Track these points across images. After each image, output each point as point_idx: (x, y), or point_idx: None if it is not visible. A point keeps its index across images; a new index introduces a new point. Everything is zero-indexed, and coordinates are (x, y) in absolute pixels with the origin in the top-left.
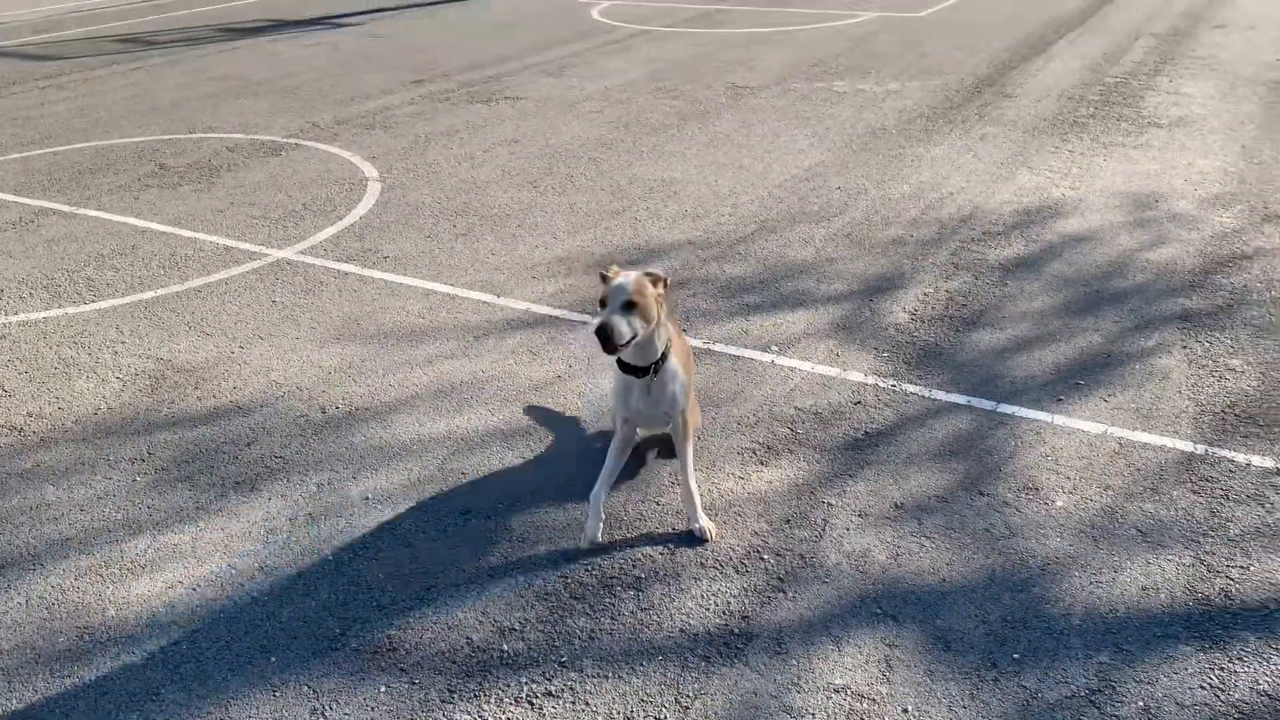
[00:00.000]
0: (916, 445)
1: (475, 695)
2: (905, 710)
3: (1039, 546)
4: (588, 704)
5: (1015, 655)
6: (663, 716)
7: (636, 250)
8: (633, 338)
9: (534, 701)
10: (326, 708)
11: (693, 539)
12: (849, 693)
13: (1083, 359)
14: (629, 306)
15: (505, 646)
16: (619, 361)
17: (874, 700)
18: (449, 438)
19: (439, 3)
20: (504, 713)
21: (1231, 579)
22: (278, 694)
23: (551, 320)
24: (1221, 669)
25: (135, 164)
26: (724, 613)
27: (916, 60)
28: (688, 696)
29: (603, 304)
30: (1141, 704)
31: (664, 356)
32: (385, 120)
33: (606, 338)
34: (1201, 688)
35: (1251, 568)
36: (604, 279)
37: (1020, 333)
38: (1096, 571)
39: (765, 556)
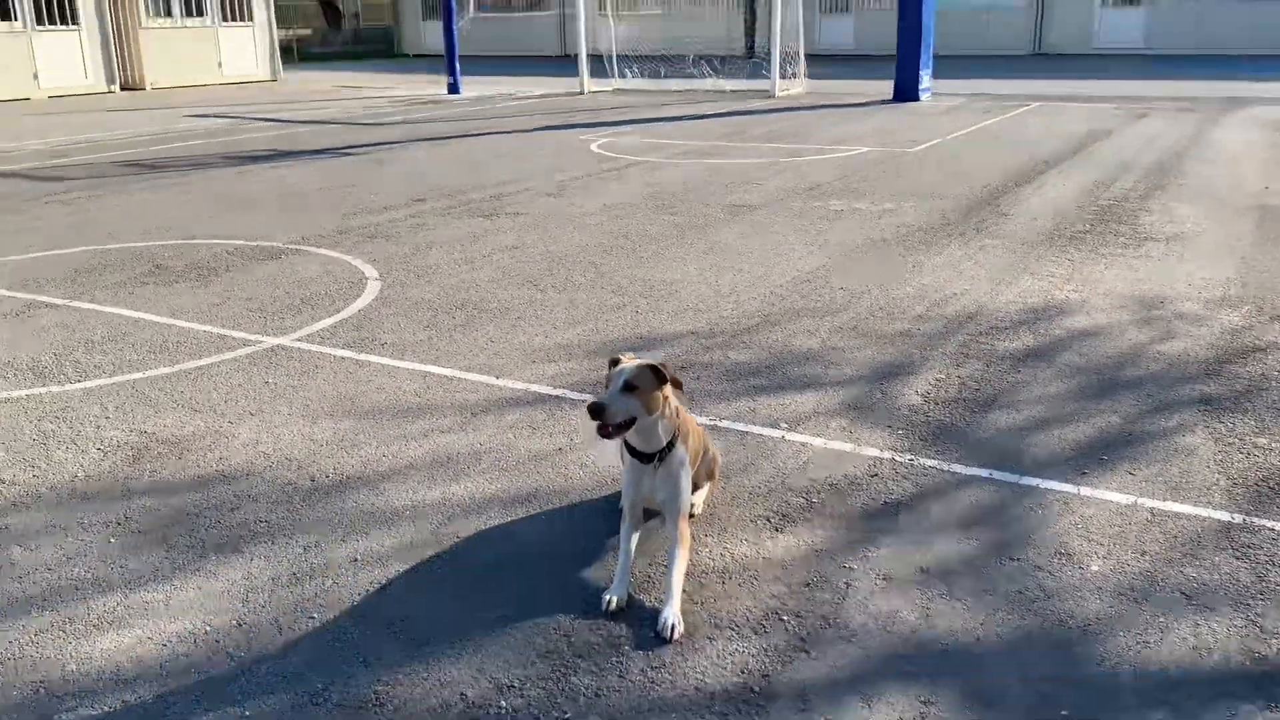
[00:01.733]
0: (938, 514)
1: None
2: None
3: (1077, 608)
4: None
5: (1064, 712)
6: None
7: (638, 339)
8: (628, 421)
9: None
10: None
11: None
12: None
13: (1103, 437)
14: (628, 389)
15: (503, 703)
16: (628, 446)
17: None
18: (444, 504)
19: (442, 138)
20: None
21: None
22: None
23: (552, 399)
24: None
25: (132, 264)
26: (742, 671)
27: (910, 186)
28: None
29: (607, 386)
30: None
31: (670, 445)
32: (387, 230)
33: (599, 412)
34: None
35: None
36: (613, 363)
37: (1037, 414)
38: (1142, 631)
39: (785, 618)
